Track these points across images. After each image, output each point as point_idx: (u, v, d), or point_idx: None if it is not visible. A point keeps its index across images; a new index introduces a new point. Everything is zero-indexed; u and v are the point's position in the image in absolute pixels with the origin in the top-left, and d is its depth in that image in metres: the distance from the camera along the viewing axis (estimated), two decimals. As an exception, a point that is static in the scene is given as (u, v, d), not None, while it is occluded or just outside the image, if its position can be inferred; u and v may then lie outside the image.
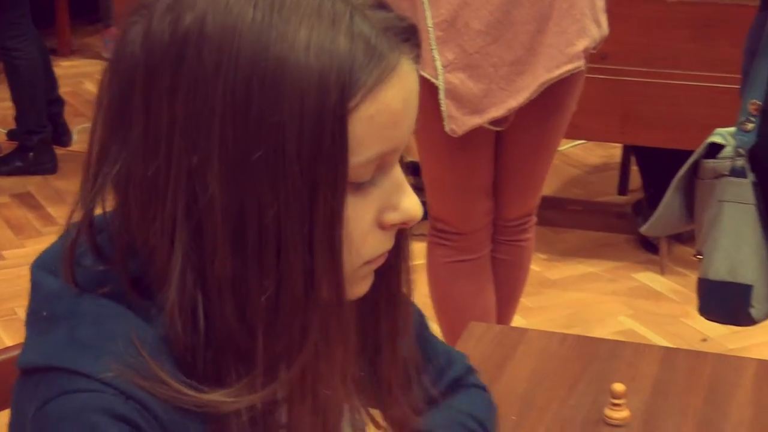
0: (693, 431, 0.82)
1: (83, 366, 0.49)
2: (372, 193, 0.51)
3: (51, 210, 2.64)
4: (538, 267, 2.17)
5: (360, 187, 0.50)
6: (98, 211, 0.52)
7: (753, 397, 0.87)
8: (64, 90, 3.16)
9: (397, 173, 0.52)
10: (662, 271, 2.24)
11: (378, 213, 0.51)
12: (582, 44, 1.30)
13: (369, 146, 0.48)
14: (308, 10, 0.47)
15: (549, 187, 2.33)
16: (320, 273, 0.49)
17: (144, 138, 0.49)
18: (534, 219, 1.55)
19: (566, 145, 2.81)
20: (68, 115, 3.13)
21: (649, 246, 2.35)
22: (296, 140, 0.46)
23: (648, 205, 2.25)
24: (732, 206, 1.22)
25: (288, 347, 0.51)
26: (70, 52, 3.99)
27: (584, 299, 2.13)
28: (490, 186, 1.44)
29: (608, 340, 1.04)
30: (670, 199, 1.27)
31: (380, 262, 0.53)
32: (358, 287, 0.53)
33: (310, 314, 0.50)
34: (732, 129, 1.22)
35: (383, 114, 0.49)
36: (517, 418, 0.82)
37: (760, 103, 1.19)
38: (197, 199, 0.48)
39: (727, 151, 1.22)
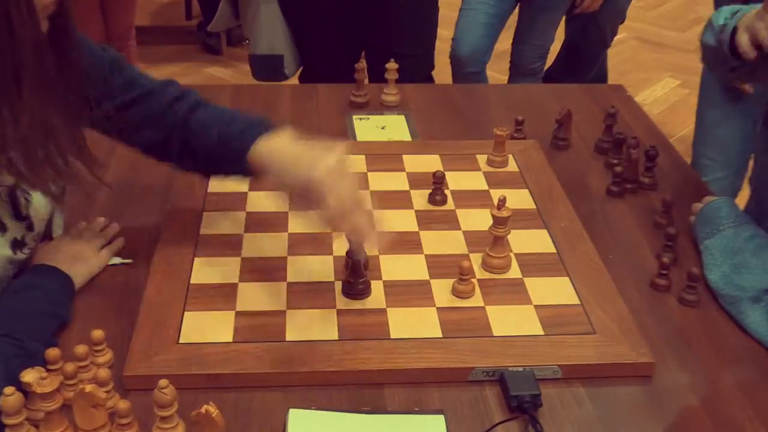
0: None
1: None
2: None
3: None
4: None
5: None
6: None
7: (291, 107, 2.20)
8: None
9: None
10: (225, 66, 4.26)
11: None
12: None
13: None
14: None
15: (141, 20, 4.30)
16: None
17: None
18: (133, 32, 3.11)
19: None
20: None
21: (213, 50, 4.40)
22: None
23: (206, 22, 4.11)
24: (266, 5, 2.80)
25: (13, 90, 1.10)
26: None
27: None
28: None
29: (198, 85, 2.55)
30: (223, 5, 2.81)
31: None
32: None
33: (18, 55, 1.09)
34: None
35: None
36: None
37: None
38: None
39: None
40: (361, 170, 1.71)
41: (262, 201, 1.60)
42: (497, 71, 3.71)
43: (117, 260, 1.44)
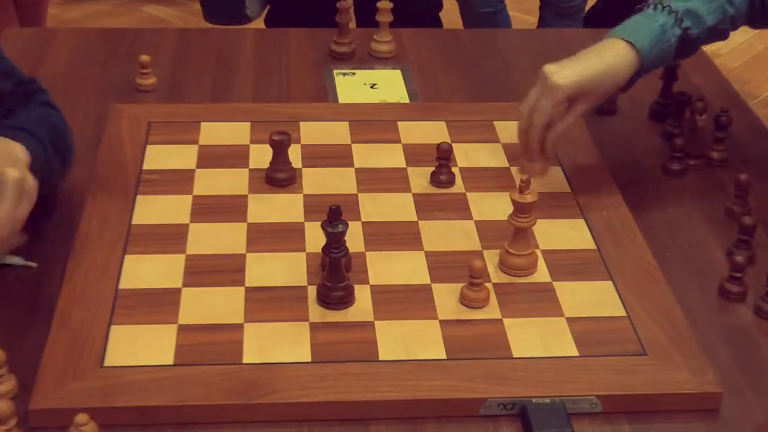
0: (210, 92, 2.27)
1: None
2: None
3: None
4: (56, 10, 4.14)
5: None
6: None
7: (254, 58, 2.21)
8: None
9: None
10: (168, 4, 4.51)
11: None
12: None
13: None
14: None
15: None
16: None
17: None
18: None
19: None
20: None
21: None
22: None
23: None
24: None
25: None
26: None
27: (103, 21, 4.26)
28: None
29: (132, 29, 2.57)
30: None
31: None
32: None
33: None
34: None
35: None
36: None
37: None
38: None
39: None
40: (344, 141, 1.71)
41: (215, 181, 1.60)
42: (523, 11, 3.72)
43: (17, 260, 1.43)
